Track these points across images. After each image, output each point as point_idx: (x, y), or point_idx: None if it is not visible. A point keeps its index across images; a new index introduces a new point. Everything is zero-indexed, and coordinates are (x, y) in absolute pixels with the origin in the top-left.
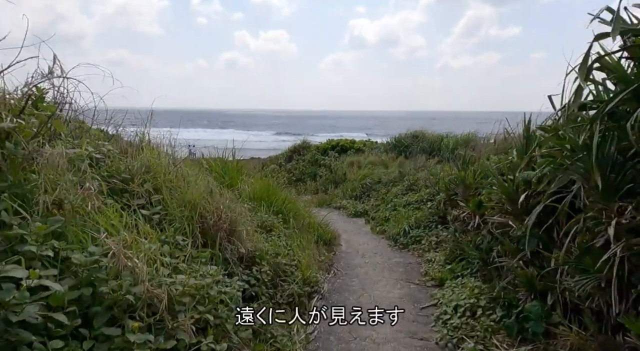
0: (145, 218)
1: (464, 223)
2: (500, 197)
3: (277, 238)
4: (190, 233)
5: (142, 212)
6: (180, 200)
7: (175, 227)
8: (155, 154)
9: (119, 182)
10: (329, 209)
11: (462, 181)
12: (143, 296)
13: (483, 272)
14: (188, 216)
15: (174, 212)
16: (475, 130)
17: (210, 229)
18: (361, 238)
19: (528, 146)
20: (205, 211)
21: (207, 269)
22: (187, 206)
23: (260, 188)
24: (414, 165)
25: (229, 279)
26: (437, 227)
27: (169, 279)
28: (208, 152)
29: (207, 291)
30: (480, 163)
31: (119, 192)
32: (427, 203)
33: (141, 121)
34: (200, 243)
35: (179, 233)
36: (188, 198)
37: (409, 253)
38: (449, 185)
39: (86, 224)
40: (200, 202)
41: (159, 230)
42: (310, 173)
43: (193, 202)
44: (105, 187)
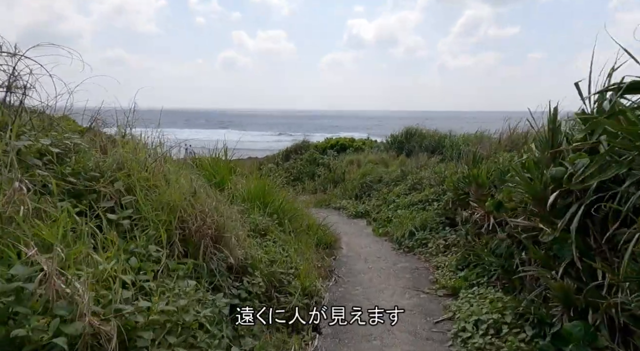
0: (112, 224)
1: (476, 225)
2: (523, 197)
3: (273, 244)
4: (168, 241)
5: (108, 217)
6: (157, 202)
7: (149, 234)
8: (131, 148)
9: (85, 180)
10: (329, 210)
11: (475, 179)
12: (83, 337)
13: (503, 281)
14: (165, 221)
15: (148, 215)
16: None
17: (192, 236)
18: (363, 240)
19: (554, 139)
20: (186, 214)
21: (185, 285)
22: (165, 209)
23: (255, 189)
24: (416, 164)
25: (212, 295)
26: (444, 229)
27: (128, 306)
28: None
29: (182, 316)
30: (491, 161)
31: (85, 193)
32: (433, 203)
33: (140, 121)
34: (180, 253)
35: (153, 241)
36: (167, 200)
37: (415, 258)
38: (457, 184)
39: (18, 236)
40: (181, 204)
41: (129, 239)
42: (309, 173)
43: (172, 204)
44: (59, 187)
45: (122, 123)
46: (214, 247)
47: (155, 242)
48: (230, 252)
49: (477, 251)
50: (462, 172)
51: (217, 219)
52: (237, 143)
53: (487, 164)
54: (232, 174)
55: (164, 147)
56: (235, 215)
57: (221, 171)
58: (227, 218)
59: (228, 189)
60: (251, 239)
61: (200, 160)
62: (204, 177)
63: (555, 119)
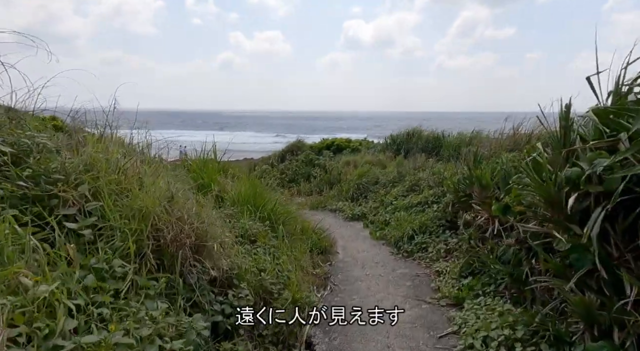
0: (72, 234)
1: (479, 229)
2: (534, 200)
3: (263, 251)
4: (138, 253)
5: (67, 226)
6: (128, 208)
7: (115, 246)
8: (103, 148)
9: (46, 184)
10: (324, 212)
11: (478, 181)
12: None
13: (512, 291)
14: (136, 229)
15: (116, 224)
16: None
17: (168, 246)
18: (360, 244)
19: (566, 138)
20: (161, 222)
21: (154, 306)
22: (137, 216)
23: (246, 191)
24: (414, 165)
25: (187, 317)
26: (445, 233)
27: (67, 342)
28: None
29: (145, 349)
30: (493, 161)
31: (45, 198)
32: (432, 205)
33: (139, 123)
34: (152, 267)
35: (119, 254)
36: (139, 206)
37: (414, 263)
38: (457, 186)
39: None
40: (154, 210)
41: (90, 252)
42: (304, 174)
43: (145, 211)
44: (11, 192)
45: (114, 123)
46: (194, 258)
47: (122, 255)
48: (214, 262)
49: (482, 257)
50: (462, 173)
51: (199, 226)
52: (234, 144)
53: (490, 164)
54: (223, 176)
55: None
56: (221, 220)
57: (209, 173)
58: (211, 224)
59: (216, 192)
60: (239, 246)
61: (190, 161)
62: (192, 179)
63: (568, 116)
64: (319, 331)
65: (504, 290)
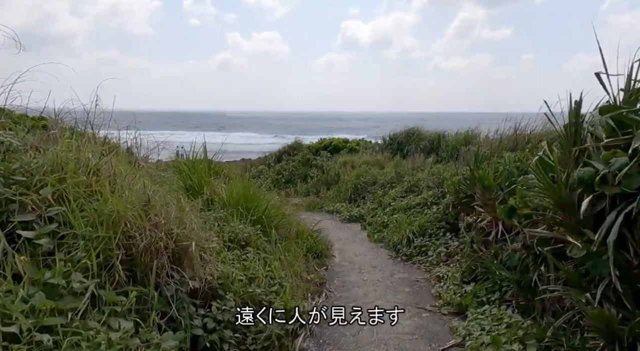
0: (27, 244)
1: (482, 232)
2: (543, 202)
3: (254, 256)
4: (105, 265)
5: (22, 235)
6: (97, 214)
7: (77, 258)
8: (74, 146)
9: (5, 187)
10: (321, 213)
11: (480, 182)
12: None
13: (519, 300)
14: (103, 237)
15: (81, 231)
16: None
17: (141, 255)
18: (357, 247)
19: (577, 136)
20: (134, 229)
21: (117, 325)
22: (106, 222)
23: (238, 193)
24: (412, 165)
25: (159, 336)
26: (445, 235)
27: None
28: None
29: None
30: (494, 161)
31: (2, 202)
32: (432, 206)
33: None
34: (122, 279)
35: (82, 265)
36: (109, 211)
37: (414, 267)
38: (458, 187)
39: None
40: (126, 215)
41: (45, 264)
42: (301, 174)
43: (116, 216)
44: None
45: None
46: (172, 267)
47: (84, 267)
48: (195, 271)
49: (485, 262)
50: (463, 174)
51: (179, 232)
52: (232, 145)
53: (491, 165)
54: (214, 177)
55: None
56: (209, 224)
57: (199, 174)
58: (193, 230)
59: (206, 194)
60: (228, 252)
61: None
62: (181, 181)
63: (578, 113)
64: (312, 344)
65: (510, 298)
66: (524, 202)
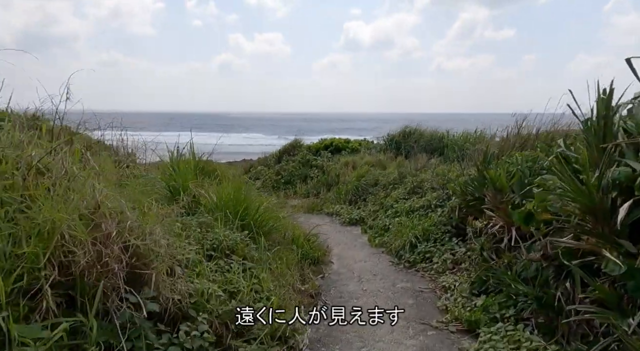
0: None
1: (493, 238)
2: (568, 207)
3: (238, 267)
4: (27, 291)
5: None
6: (27, 225)
7: None
8: (15, 140)
9: None
10: (320, 216)
11: (491, 183)
12: None
13: (539, 318)
14: (30, 254)
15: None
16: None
17: (83, 275)
18: (357, 252)
19: (607, 130)
20: (76, 243)
21: None
22: (38, 235)
23: (227, 195)
24: (415, 165)
25: None
26: (451, 241)
27: None
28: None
29: None
30: (504, 161)
31: None
32: (437, 209)
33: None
34: (52, 311)
35: None
36: (42, 220)
37: (417, 275)
38: (465, 188)
39: None
40: (62, 226)
41: None
42: (301, 175)
43: (52, 228)
44: None
45: None
46: (126, 288)
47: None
48: (160, 291)
49: (497, 273)
50: (469, 174)
51: (140, 245)
52: (235, 146)
53: (501, 165)
54: (205, 178)
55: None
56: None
57: (183, 175)
58: (156, 242)
59: (183, 198)
60: (209, 263)
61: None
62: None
63: (609, 104)
64: None
65: (528, 316)
66: (544, 207)
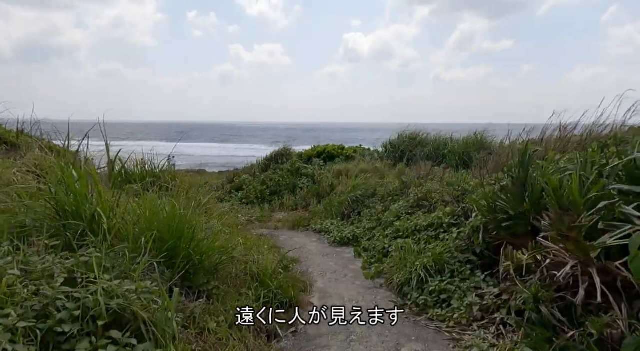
0: None
1: (552, 282)
2: None
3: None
4: None
5: None
6: None
7: None
8: None
9: None
10: (307, 233)
11: (555, 196)
12: None
13: None
14: None
15: None
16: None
17: None
18: (347, 287)
19: None
20: None
21: None
22: None
23: (152, 217)
24: (417, 174)
25: None
26: (474, 274)
27: None
28: None
29: None
30: (539, 166)
31: None
32: (451, 230)
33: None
34: None
35: None
36: None
37: (431, 327)
38: (493, 202)
39: None
40: None
41: None
42: (289, 185)
43: None
44: None
45: None
46: None
47: None
48: None
49: (571, 348)
50: (492, 183)
51: None
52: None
53: (538, 169)
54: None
55: None
56: None
57: (74, 190)
58: None
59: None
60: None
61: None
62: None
63: None
64: None
65: None
66: None
